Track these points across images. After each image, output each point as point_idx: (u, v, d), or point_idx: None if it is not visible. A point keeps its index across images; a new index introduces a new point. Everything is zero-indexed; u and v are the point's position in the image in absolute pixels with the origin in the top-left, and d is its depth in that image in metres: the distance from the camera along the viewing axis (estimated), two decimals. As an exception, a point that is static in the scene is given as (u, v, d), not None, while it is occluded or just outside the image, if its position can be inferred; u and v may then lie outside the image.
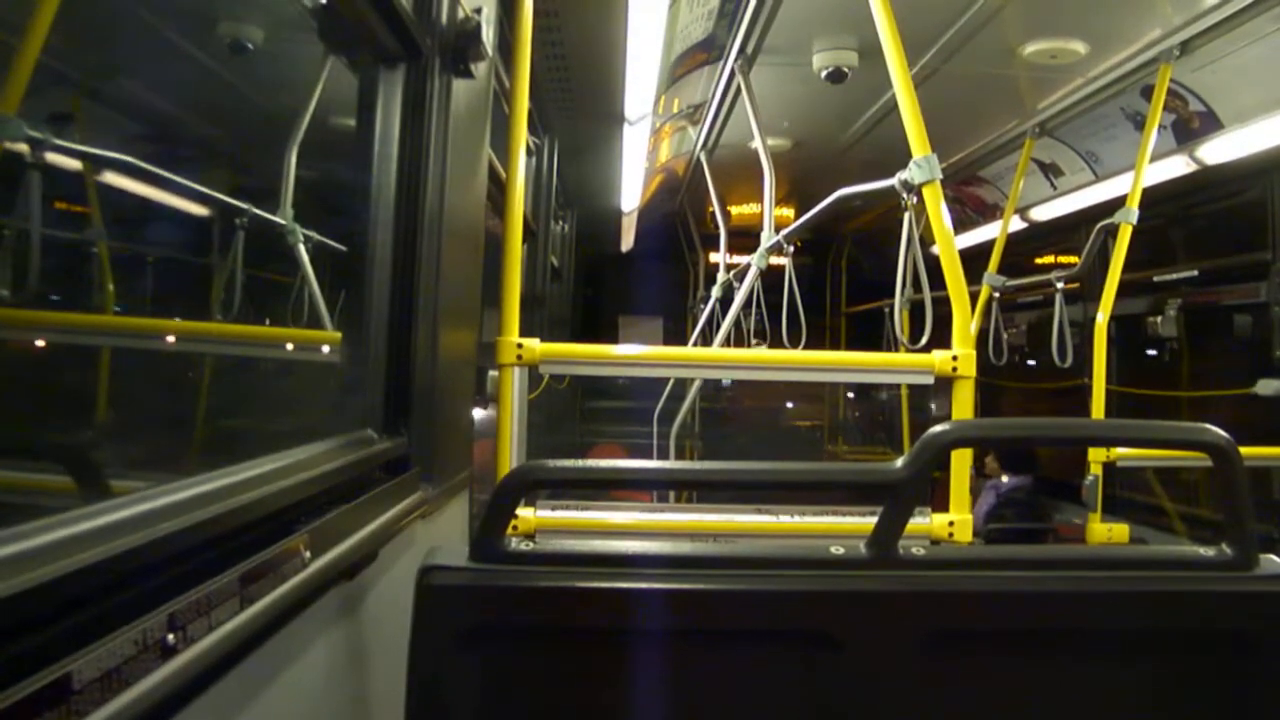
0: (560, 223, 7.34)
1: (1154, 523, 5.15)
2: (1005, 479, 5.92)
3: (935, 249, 2.60)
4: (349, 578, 1.43)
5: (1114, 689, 1.31)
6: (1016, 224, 6.03)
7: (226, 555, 1.04)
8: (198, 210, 2.76)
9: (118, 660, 0.79)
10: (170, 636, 0.87)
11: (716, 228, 6.15)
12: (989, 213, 6.90)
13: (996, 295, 5.54)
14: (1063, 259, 6.47)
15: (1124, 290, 4.06)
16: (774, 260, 4.35)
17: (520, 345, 2.43)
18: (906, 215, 2.78)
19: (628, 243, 9.76)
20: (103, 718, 0.76)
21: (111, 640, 0.79)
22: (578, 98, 4.75)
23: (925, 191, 2.58)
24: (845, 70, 4.37)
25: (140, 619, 0.84)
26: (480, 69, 2.13)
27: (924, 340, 2.83)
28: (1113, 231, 3.94)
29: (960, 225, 7.11)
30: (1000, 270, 5.41)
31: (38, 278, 1.88)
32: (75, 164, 2.11)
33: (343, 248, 2.20)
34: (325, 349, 2.49)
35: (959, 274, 2.52)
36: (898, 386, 6.76)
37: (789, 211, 7.55)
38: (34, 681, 0.70)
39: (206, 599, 0.95)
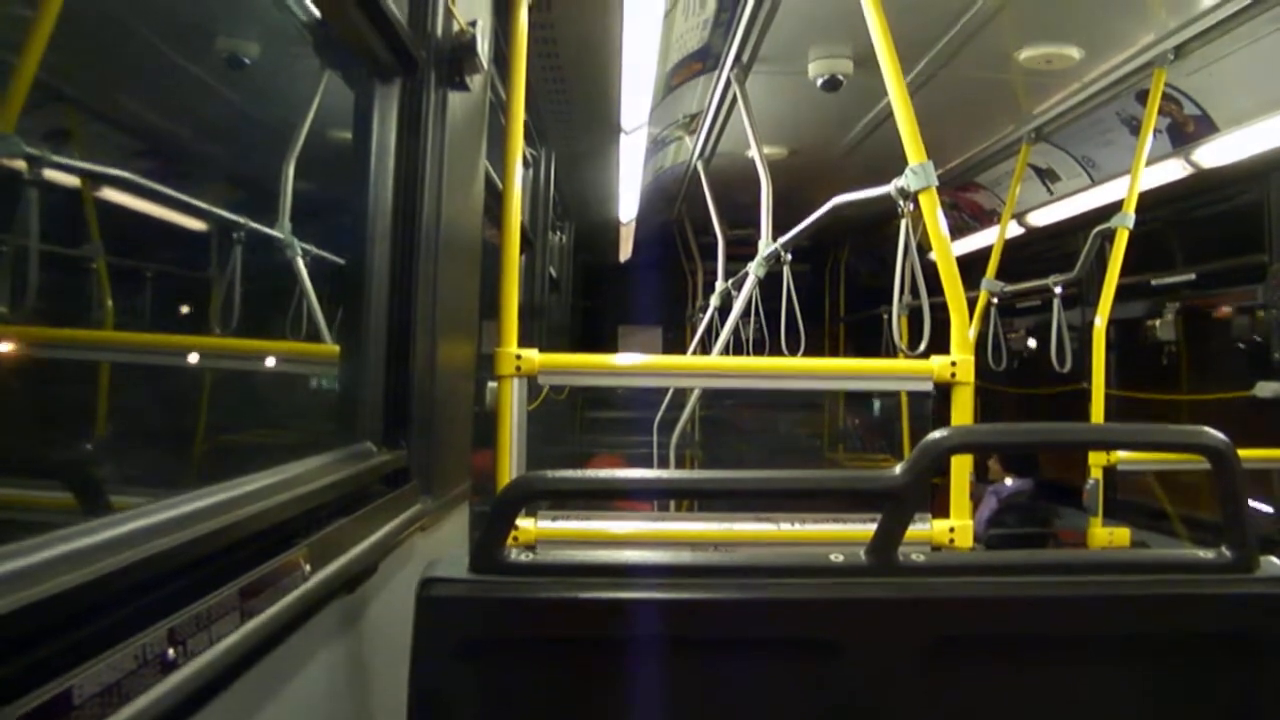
0: (558, 233, 7.35)
1: (1155, 526, 5.14)
2: (1009, 481, 5.91)
3: (932, 255, 2.60)
4: (349, 591, 1.42)
5: (1116, 693, 1.31)
6: (1014, 229, 6.04)
7: (227, 569, 1.04)
8: (194, 225, 2.76)
9: (118, 675, 0.79)
10: (170, 651, 0.87)
11: (714, 237, 6.15)
12: (986, 218, 6.91)
13: (995, 301, 5.54)
14: (1060, 264, 6.48)
15: (1122, 294, 4.06)
16: (772, 268, 4.35)
17: (519, 356, 2.43)
18: (903, 222, 2.79)
19: (626, 253, 9.77)
20: None
21: (111, 655, 0.79)
22: (574, 108, 4.76)
23: (921, 198, 2.59)
24: (840, 78, 4.38)
25: (140, 634, 0.84)
26: (476, 81, 2.14)
27: (922, 346, 2.83)
28: (1110, 236, 3.95)
29: (958, 231, 7.11)
30: (998, 275, 5.42)
31: (36, 293, 1.88)
32: (73, 180, 2.11)
33: (341, 261, 2.20)
34: (324, 362, 2.49)
35: (956, 280, 2.52)
36: (897, 393, 6.75)
37: (786, 219, 7.55)
38: (35, 697, 0.70)
39: (207, 613, 0.95)
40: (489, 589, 1.23)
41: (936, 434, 1.27)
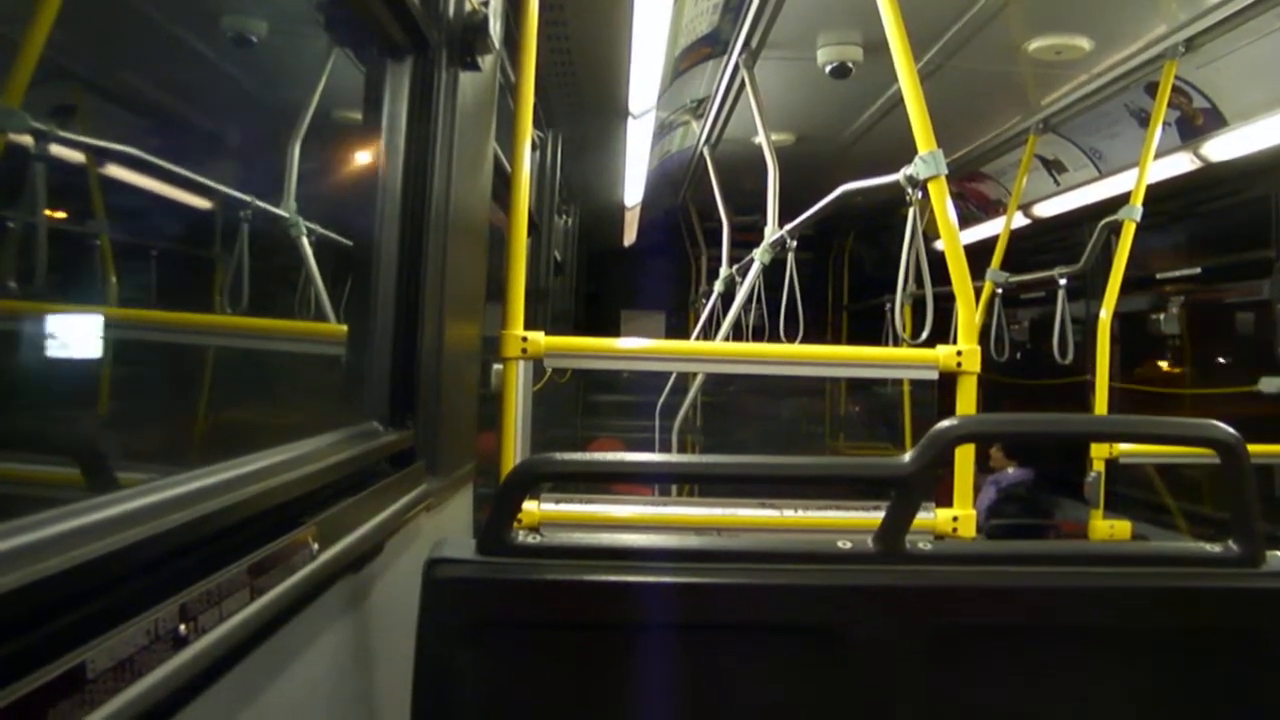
0: (563, 217, 7.34)
1: (1155, 520, 5.15)
2: (1011, 470, 5.92)
3: (937, 244, 2.60)
4: (355, 570, 1.43)
5: (1120, 684, 1.31)
6: (1020, 220, 6.03)
7: (236, 546, 1.04)
8: (200, 203, 2.76)
9: (130, 650, 0.79)
10: (182, 627, 0.87)
11: (719, 222, 6.14)
12: (992, 209, 6.89)
13: (999, 291, 5.54)
14: (1065, 256, 6.48)
15: (1127, 287, 4.06)
16: (777, 255, 4.35)
17: (525, 339, 2.43)
18: (911, 210, 2.78)
19: (630, 237, 9.77)
20: (116, 707, 0.76)
21: (124, 630, 0.79)
22: (582, 92, 4.75)
23: (931, 187, 2.58)
24: (850, 65, 4.36)
25: (152, 609, 0.84)
26: (487, 62, 2.13)
27: (924, 335, 2.83)
28: (1116, 228, 3.94)
29: (963, 221, 7.09)
30: (1003, 266, 5.41)
31: (45, 270, 1.88)
32: (79, 156, 2.10)
33: (348, 241, 2.20)
34: (331, 341, 2.49)
35: (964, 270, 2.52)
36: (899, 382, 6.76)
37: (792, 206, 7.54)
38: (49, 670, 0.70)
39: (217, 590, 0.95)
40: (495, 570, 1.23)
41: (945, 423, 1.27)
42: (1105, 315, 3.93)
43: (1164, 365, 5.63)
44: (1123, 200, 3.95)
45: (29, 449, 1.40)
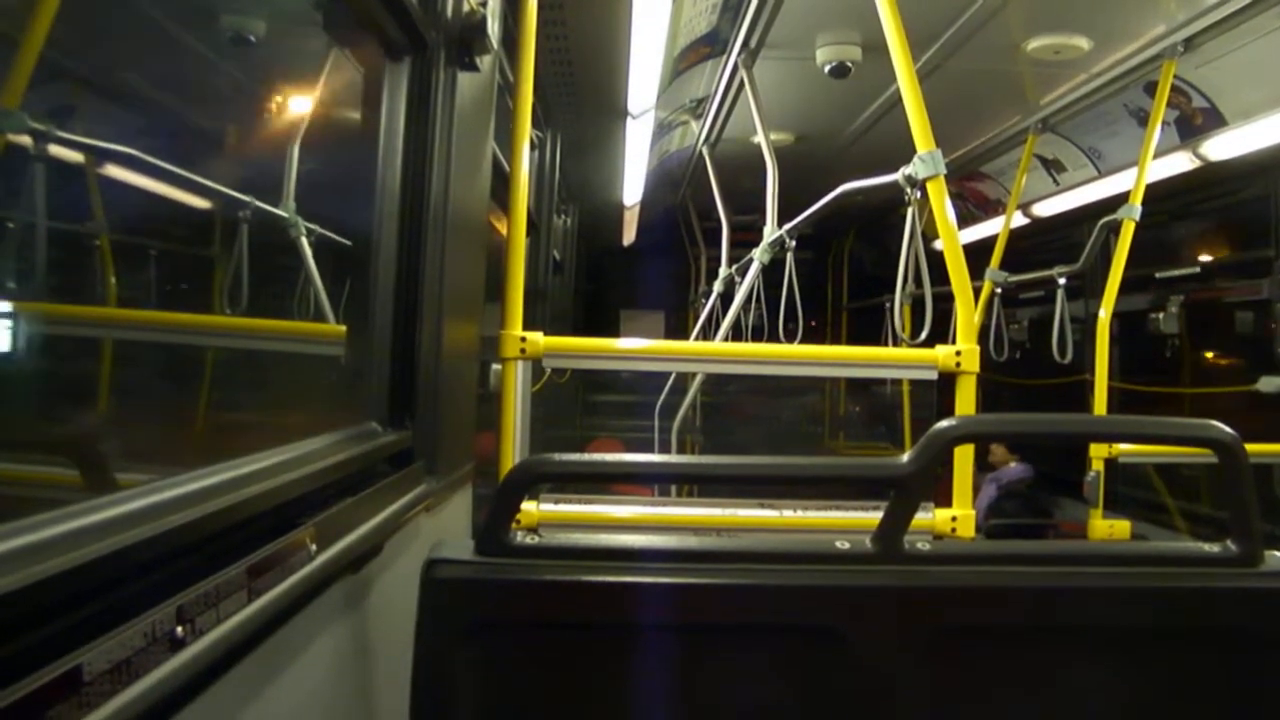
0: (562, 216, 7.34)
1: (1154, 519, 5.15)
2: (1012, 465, 5.93)
3: (936, 244, 2.59)
4: (354, 570, 1.43)
5: (1118, 684, 1.31)
6: (1019, 219, 6.03)
7: (234, 548, 1.04)
8: (199, 203, 2.75)
9: (127, 652, 0.79)
10: (179, 629, 0.87)
11: (718, 222, 6.14)
12: (991, 208, 6.89)
13: (998, 291, 5.54)
14: (1064, 255, 6.48)
15: (1126, 286, 4.06)
16: (776, 255, 4.35)
17: (524, 339, 2.43)
18: (910, 210, 2.78)
19: (629, 236, 9.77)
20: (113, 709, 0.76)
21: (121, 632, 0.79)
22: (581, 92, 4.75)
23: (929, 186, 2.58)
24: (849, 65, 4.36)
25: (149, 611, 0.84)
26: (485, 62, 2.13)
27: (924, 335, 2.82)
28: (1115, 228, 3.94)
29: (962, 221, 7.08)
30: (1002, 266, 5.41)
31: (44, 270, 1.88)
32: (77, 156, 2.10)
33: (347, 241, 2.20)
34: (330, 342, 2.49)
35: (963, 269, 2.52)
36: (899, 382, 6.76)
37: (791, 206, 7.53)
38: (45, 673, 0.70)
39: (215, 591, 0.95)
40: (494, 571, 1.23)
41: (944, 423, 1.27)
42: (1104, 315, 3.93)
43: (1163, 365, 5.63)
44: (1122, 199, 3.95)
45: (26, 450, 1.40)
